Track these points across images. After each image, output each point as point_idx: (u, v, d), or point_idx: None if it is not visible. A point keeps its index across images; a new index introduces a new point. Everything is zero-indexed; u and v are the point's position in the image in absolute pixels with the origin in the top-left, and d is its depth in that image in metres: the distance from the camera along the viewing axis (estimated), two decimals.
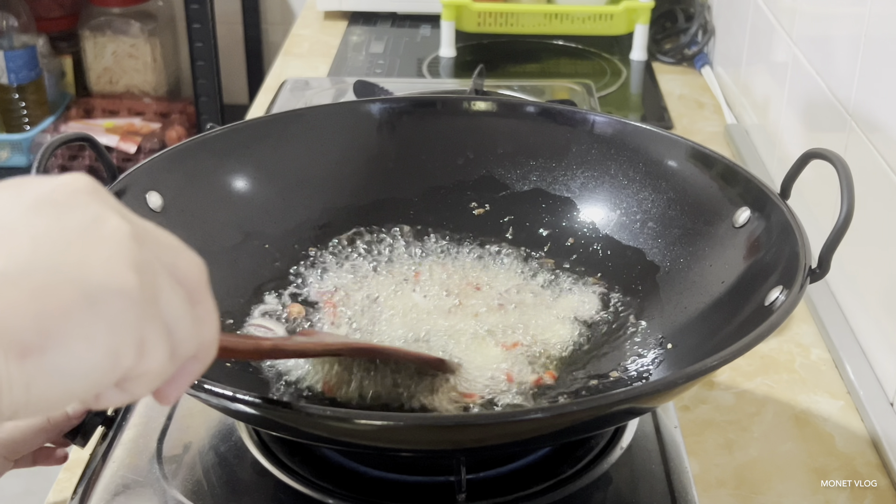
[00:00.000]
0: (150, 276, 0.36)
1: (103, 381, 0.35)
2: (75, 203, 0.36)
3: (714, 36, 1.48)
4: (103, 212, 0.36)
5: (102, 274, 0.34)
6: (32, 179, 0.36)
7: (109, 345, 0.34)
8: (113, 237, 0.35)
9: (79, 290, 0.33)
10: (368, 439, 0.57)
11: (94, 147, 0.70)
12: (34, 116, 2.05)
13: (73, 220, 0.35)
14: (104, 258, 0.34)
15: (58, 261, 0.34)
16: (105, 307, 0.34)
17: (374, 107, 0.86)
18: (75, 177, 0.37)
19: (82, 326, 0.33)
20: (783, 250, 0.65)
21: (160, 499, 0.64)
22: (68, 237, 0.34)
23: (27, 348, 0.32)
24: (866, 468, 0.74)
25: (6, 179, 0.37)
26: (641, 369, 0.70)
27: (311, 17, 1.70)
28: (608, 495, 0.65)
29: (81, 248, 0.34)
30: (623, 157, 0.81)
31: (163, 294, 0.36)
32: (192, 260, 0.39)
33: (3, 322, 0.32)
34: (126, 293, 0.34)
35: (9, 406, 0.33)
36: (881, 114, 0.82)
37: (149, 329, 0.35)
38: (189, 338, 0.38)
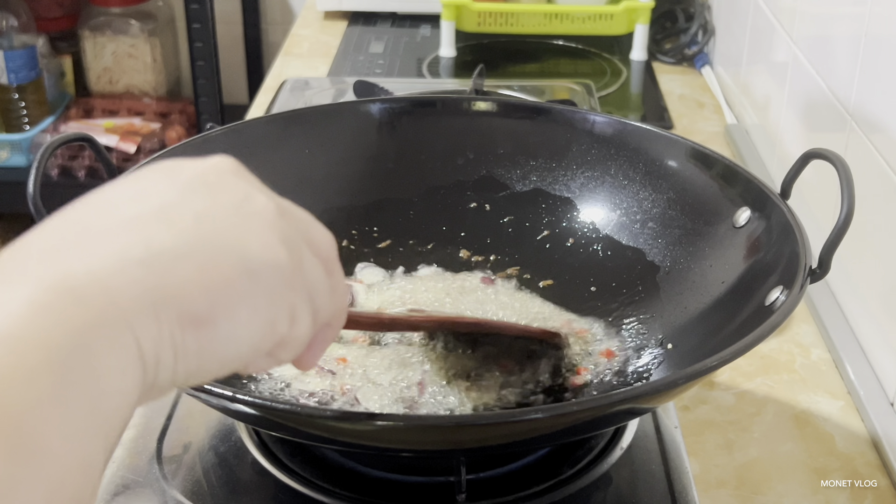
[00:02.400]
0: (296, 249, 0.38)
1: (261, 347, 0.37)
2: (226, 183, 0.38)
3: (714, 36, 1.48)
4: (251, 190, 0.39)
5: (259, 248, 0.37)
6: (182, 162, 0.39)
7: (268, 314, 0.37)
8: (263, 214, 0.38)
9: (240, 264, 0.36)
10: (368, 439, 0.57)
11: (93, 147, 0.70)
12: (34, 116, 2.05)
13: (226, 198, 0.37)
14: (259, 234, 0.37)
15: (219, 237, 0.36)
16: (263, 279, 0.36)
17: (374, 107, 0.86)
18: (222, 158, 0.40)
19: (245, 298, 0.36)
20: (783, 250, 0.65)
21: (160, 499, 0.64)
22: (225, 215, 0.37)
23: (200, 319, 0.34)
24: (866, 468, 0.74)
25: (156, 163, 0.39)
26: (641, 369, 0.70)
27: (311, 17, 1.70)
28: (608, 495, 0.65)
29: (238, 225, 0.37)
30: (623, 157, 0.81)
31: (306, 265, 0.39)
32: (325, 233, 0.42)
33: (178, 296, 0.34)
34: (280, 266, 0.37)
35: (183, 372, 0.35)
36: (881, 114, 0.82)
37: (298, 298, 0.38)
38: (327, 305, 0.40)
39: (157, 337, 0.33)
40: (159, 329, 0.33)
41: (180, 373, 0.35)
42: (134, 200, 0.36)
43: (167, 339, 0.34)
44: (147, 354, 0.33)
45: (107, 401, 0.31)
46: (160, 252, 0.34)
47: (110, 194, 0.37)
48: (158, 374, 0.34)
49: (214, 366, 0.36)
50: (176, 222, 0.35)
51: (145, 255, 0.34)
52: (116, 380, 0.32)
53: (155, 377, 0.34)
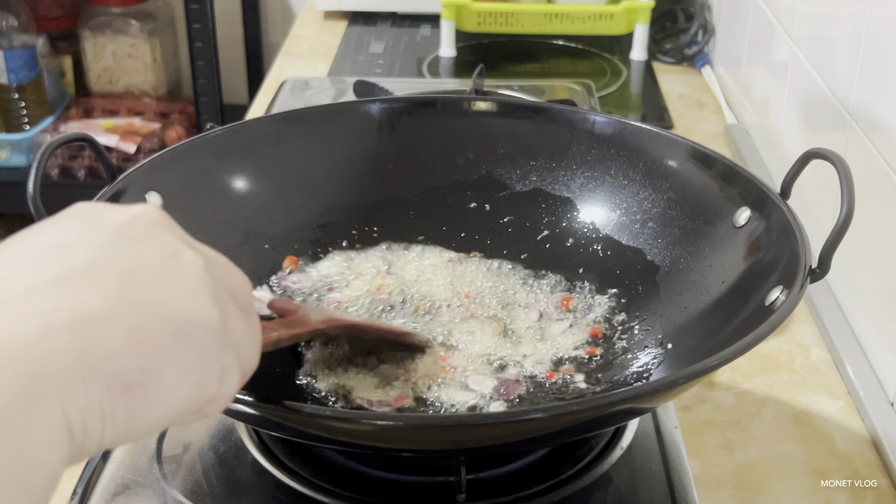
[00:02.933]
0: (224, 306, 0.38)
1: (191, 408, 0.37)
2: (151, 236, 0.37)
3: (714, 36, 1.48)
4: (177, 245, 0.38)
5: (190, 308, 0.36)
6: (103, 210, 0.38)
7: (199, 374, 0.36)
8: (191, 271, 0.37)
9: (171, 326, 0.35)
10: (368, 439, 0.57)
11: (93, 147, 0.70)
12: (34, 116, 2.05)
13: (153, 254, 0.37)
14: (188, 293, 0.36)
15: (147, 297, 0.35)
16: (194, 340, 0.36)
17: (374, 107, 0.86)
18: (147, 209, 0.39)
19: (177, 359, 0.35)
20: (783, 250, 0.65)
21: (160, 499, 0.64)
22: (153, 273, 0.36)
23: (129, 384, 0.34)
24: (866, 468, 0.74)
25: (73, 206, 0.38)
26: (641, 369, 0.70)
27: (310, 16, 1.70)
28: (608, 495, 0.65)
29: (166, 284, 0.36)
30: (623, 157, 0.81)
31: (231, 320, 0.39)
32: (242, 279, 0.42)
33: (106, 361, 0.33)
34: (210, 325, 0.37)
35: (110, 437, 0.34)
36: (881, 114, 0.82)
37: (227, 356, 0.38)
38: (250, 356, 0.41)
39: (84, 405, 0.32)
40: (87, 397, 0.32)
41: (107, 437, 0.34)
42: (56, 256, 0.35)
43: (95, 407, 0.33)
44: (74, 424, 0.32)
45: (34, 473, 0.31)
46: (86, 317, 0.33)
47: (30, 247, 0.35)
48: (86, 441, 0.33)
49: (142, 429, 0.35)
50: (102, 282, 0.34)
51: (71, 320, 0.33)
52: (44, 452, 0.31)
53: (82, 444, 0.33)
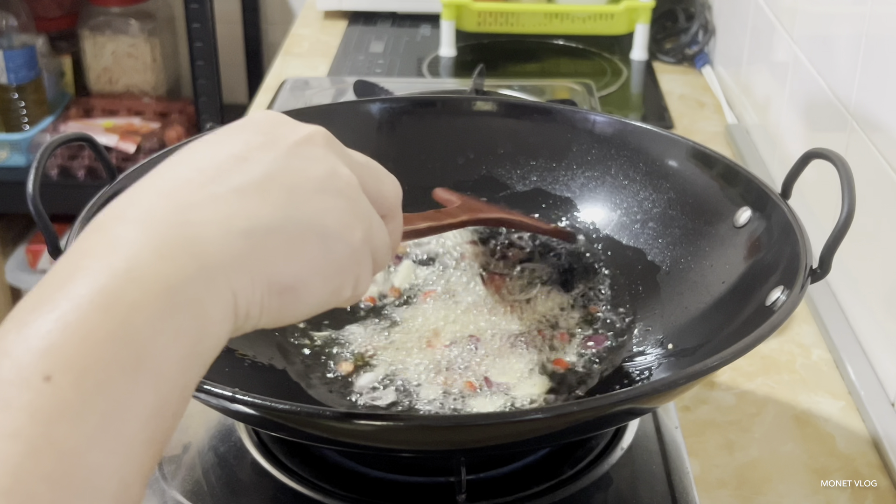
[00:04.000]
0: (368, 221, 0.45)
1: (327, 306, 0.44)
2: (316, 156, 0.44)
3: (715, 35, 1.48)
4: (337, 165, 0.44)
5: (337, 226, 0.43)
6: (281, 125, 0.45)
7: (337, 283, 0.43)
8: (345, 190, 0.44)
9: (320, 241, 0.42)
10: (368, 440, 0.57)
11: (93, 147, 0.70)
12: (33, 116, 2.05)
13: (315, 173, 0.43)
14: (339, 212, 0.43)
15: (306, 213, 0.42)
16: (337, 254, 0.43)
17: (374, 107, 0.86)
18: (316, 130, 0.45)
19: (321, 270, 0.42)
20: (784, 250, 0.65)
21: (159, 499, 0.64)
22: (312, 191, 0.42)
23: (284, 286, 0.41)
24: (867, 468, 0.74)
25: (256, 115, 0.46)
26: (641, 369, 0.69)
27: (310, 16, 1.70)
28: (609, 496, 0.65)
29: (322, 201, 0.42)
30: (623, 156, 0.81)
31: (374, 232, 0.46)
32: (394, 184, 0.50)
33: (269, 265, 0.40)
34: (353, 243, 0.43)
35: (263, 324, 0.41)
36: (882, 113, 0.81)
37: (363, 267, 0.45)
38: (385, 259, 0.48)
39: (249, 297, 0.39)
40: (252, 291, 0.39)
41: (262, 323, 0.41)
42: (238, 166, 0.41)
43: (257, 299, 0.40)
44: (240, 309, 0.39)
45: (206, 341, 0.37)
46: (258, 226, 0.40)
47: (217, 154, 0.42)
48: (245, 324, 0.40)
49: (287, 320, 0.42)
50: (273, 196, 0.41)
51: (247, 227, 0.39)
52: (216, 325, 0.38)
53: (241, 325, 0.40)
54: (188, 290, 0.37)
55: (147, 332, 0.35)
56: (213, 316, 0.38)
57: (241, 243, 0.39)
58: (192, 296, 0.37)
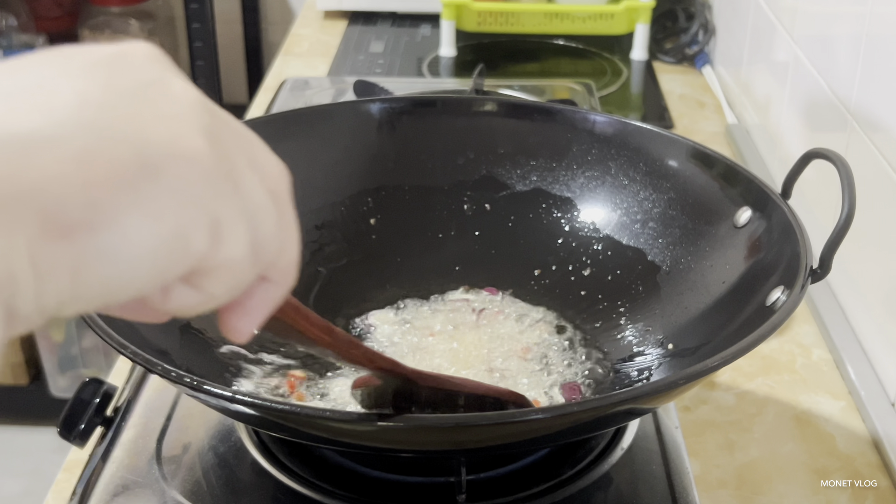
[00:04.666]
0: (224, 149, 0.30)
1: (171, 267, 0.29)
2: (134, 65, 0.30)
3: (715, 35, 1.48)
4: (168, 75, 0.30)
5: (166, 135, 0.28)
6: (85, 46, 0.30)
7: (175, 221, 0.28)
8: (179, 98, 0.30)
9: (136, 154, 0.28)
10: (368, 440, 0.57)
11: None
12: None
13: (129, 80, 0.29)
14: (168, 120, 0.29)
15: (110, 120, 0.28)
16: (169, 175, 0.28)
17: (374, 106, 0.86)
18: (139, 44, 0.31)
19: (141, 198, 0.28)
20: (784, 250, 0.65)
21: (159, 499, 0.64)
22: (124, 97, 0.28)
23: (72, 225, 0.26)
24: (867, 468, 0.74)
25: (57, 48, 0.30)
26: (641, 369, 0.69)
27: (310, 16, 1.70)
28: (609, 496, 0.65)
29: (140, 109, 0.29)
30: (624, 156, 0.81)
31: (241, 174, 0.31)
32: (275, 160, 0.34)
33: (40, 193, 0.26)
34: (195, 160, 0.29)
35: (53, 295, 0.27)
36: (882, 113, 0.81)
37: (225, 208, 0.30)
38: (272, 237, 0.32)
39: (6, 247, 0.25)
40: (9, 236, 0.25)
41: (49, 296, 0.27)
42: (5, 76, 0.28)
43: (23, 250, 0.26)
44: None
45: None
46: (20, 134, 0.26)
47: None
48: (16, 299, 0.26)
49: (98, 289, 0.28)
50: (52, 100, 0.27)
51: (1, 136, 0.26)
52: None
53: (11, 302, 0.26)
54: None
55: None
56: None
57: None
58: None
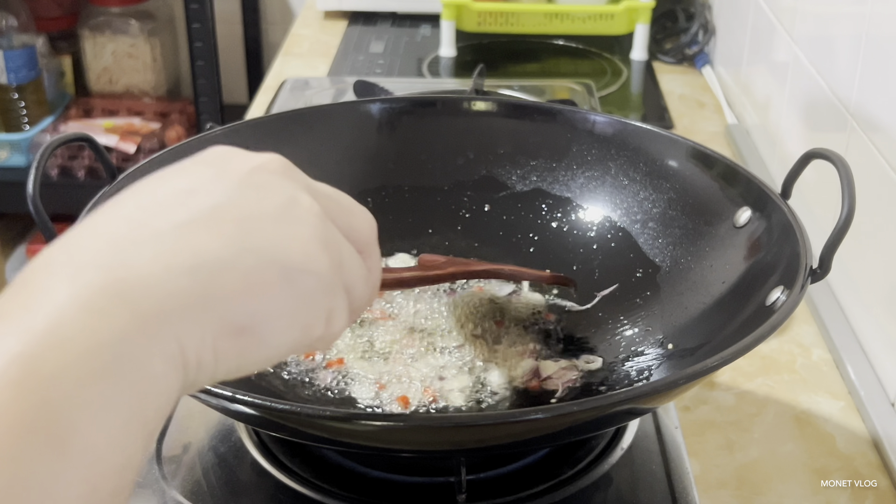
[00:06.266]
0: (337, 250, 0.40)
1: (296, 349, 0.39)
2: (272, 185, 0.39)
3: (715, 35, 1.48)
4: (297, 193, 0.40)
5: (300, 257, 0.38)
6: (231, 156, 0.40)
7: (305, 319, 0.38)
8: (306, 218, 0.39)
9: (281, 273, 0.37)
10: (368, 440, 0.57)
11: (93, 147, 0.70)
12: (33, 116, 2.05)
13: (272, 202, 0.38)
14: (301, 241, 0.38)
15: (262, 245, 0.37)
16: (302, 287, 0.38)
17: (374, 107, 0.86)
18: (272, 158, 0.41)
19: (284, 306, 0.37)
20: (784, 250, 0.65)
21: (159, 499, 0.64)
22: (269, 220, 0.38)
23: (241, 328, 0.36)
24: (867, 468, 0.74)
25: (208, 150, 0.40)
26: (641, 369, 0.69)
27: (310, 16, 1.70)
28: (609, 496, 0.65)
29: (281, 231, 0.38)
30: (623, 156, 0.81)
31: (346, 263, 0.40)
32: (365, 218, 0.44)
33: (221, 304, 0.35)
34: (320, 273, 0.38)
35: (222, 373, 0.36)
36: (882, 113, 0.81)
37: (336, 300, 0.40)
38: (364, 296, 0.42)
39: (199, 343, 0.35)
40: (202, 336, 0.35)
41: (219, 374, 0.36)
42: (183, 202, 0.37)
43: (209, 346, 0.35)
44: (189, 359, 0.34)
45: (149, 402, 0.33)
46: (206, 261, 0.35)
47: (161, 190, 0.38)
48: (198, 377, 0.35)
49: (251, 367, 0.38)
50: (222, 228, 0.36)
51: (193, 264, 0.35)
52: (160, 382, 0.33)
53: (195, 379, 0.35)
54: (121, 346, 0.32)
55: (70, 405, 0.30)
56: (154, 372, 0.33)
57: (186, 282, 0.34)
58: (127, 352, 0.32)
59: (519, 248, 0.82)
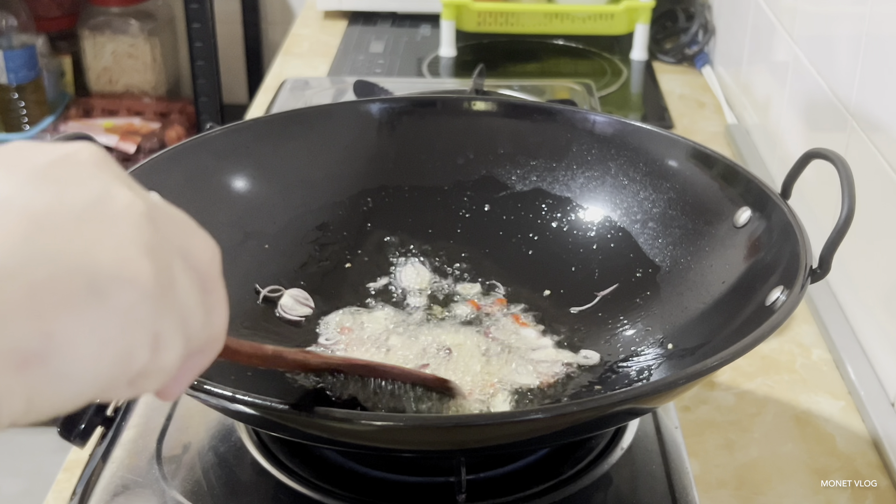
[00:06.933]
0: (165, 262, 0.32)
1: (114, 382, 0.31)
2: (80, 176, 0.31)
3: (715, 35, 1.48)
4: (112, 187, 0.32)
5: (112, 262, 0.30)
6: (31, 147, 0.32)
7: (122, 344, 0.30)
8: (124, 217, 0.31)
9: (85, 283, 0.29)
10: (368, 440, 0.57)
11: None
12: (33, 116, 2.05)
13: (77, 196, 0.31)
14: (114, 242, 0.30)
15: (60, 247, 0.29)
16: (116, 301, 0.30)
17: (374, 107, 0.86)
18: (80, 146, 0.33)
19: (90, 325, 0.29)
20: (784, 250, 0.65)
21: (160, 499, 0.64)
22: (72, 218, 0.30)
23: (28, 357, 0.28)
24: (867, 468, 0.74)
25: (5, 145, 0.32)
26: (641, 369, 0.69)
27: (310, 16, 1.70)
28: (608, 496, 0.65)
29: (87, 231, 0.30)
30: (623, 156, 0.81)
31: (178, 282, 0.33)
32: (207, 242, 0.35)
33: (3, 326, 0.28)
34: (140, 284, 0.31)
35: (7, 418, 0.29)
36: (882, 113, 0.81)
37: (164, 323, 0.32)
38: (201, 330, 0.34)
39: None
40: None
41: (3, 416, 0.29)
42: None
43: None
44: None
45: None
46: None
47: None
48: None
49: (49, 407, 0.30)
50: (6, 229, 0.29)
51: None
52: None
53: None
54: None
55: None
56: None
57: None
58: None
59: (519, 249, 0.82)
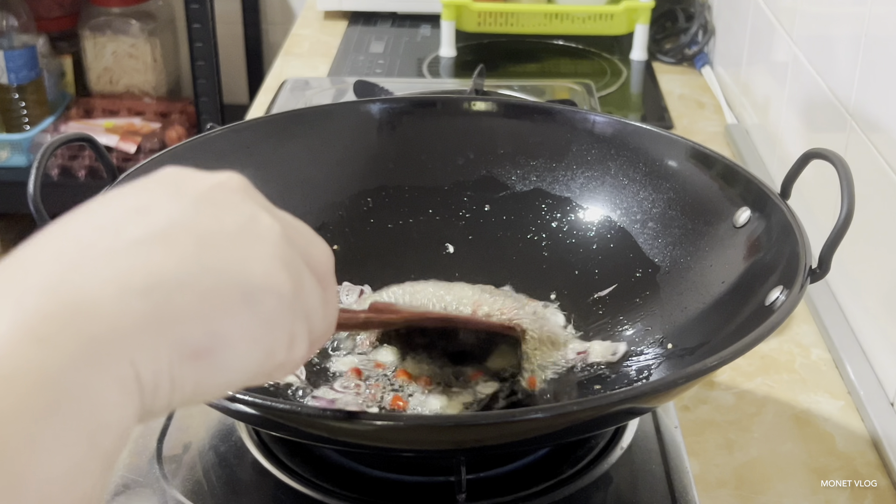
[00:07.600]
0: (298, 272, 0.38)
1: (258, 374, 0.37)
2: (231, 202, 0.38)
3: (714, 36, 1.48)
4: (256, 211, 0.38)
5: (261, 275, 0.36)
6: (188, 175, 0.38)
7: (267, 342, 0.37)
8: (266, 237, 0.37)
9: (241, 293, 0.35)
10: (368, 439, 0.57)
11: (93, 147, 0.70)
12: (34, 116, 2.05)
13: (231, 220, 0.37)
14: (262, 259, 0.37)
15: (221, 263, 0.35)
16: (263, 307, 0.36)
17: (374, 107, 0.86)
18: (230, 176, 0.39)
19: (245, 327, 0.36)
20: (783, 250, 0.65)
21: (160, 499, 0.64)
22: (228, 238, 0.36)
23: (199, 351, 0.34)
24: (866, 468, 0.74)
25: (159, 171, 0.38)
26: (641, 369, 0.69)
27: (311, 16, 1.70)
28: (608, 495, 0.65)
29: (240, 250, 0.36)
30: (623, 157, 0.81)
31: (306, 288, 0.39)
32: (324, 248, 0.42)
33: (178, 327, 0.33)
34: (281, 294, 0.37)
35: (179, 399, 0.34)
36: (881, 114, 0.81)
37: (296, 324, 0.38)
38: (321, 322, 0.40)
39: (155, 368, 0.33)
40: (157, 360, 0.33)
41: (175, 400, 0.34)
42: (137, 219, 0.35)
43: (165, 370, 0.33)
44: (145, 383, 0.32)
45: (105, 434, 0.31)
46: (161, 281, 0.33)
47: (113, 208, 0.36)
48: (155, 403, 0.33)
49: (210, 392, 0.36)
50: (179, 247, 0.35)
51: (147, 284, 0.33)
52: (114, 411, 0.31)
53: (151, 405, 0.33)
54: (71, 377, 0.30)
55: (18, 446, 0.28)
56: (109, 401, 0.31)
57: (140, 304, 0.32)
58: (77, 383, 0.30)
59: (518, 248, 0.82)
